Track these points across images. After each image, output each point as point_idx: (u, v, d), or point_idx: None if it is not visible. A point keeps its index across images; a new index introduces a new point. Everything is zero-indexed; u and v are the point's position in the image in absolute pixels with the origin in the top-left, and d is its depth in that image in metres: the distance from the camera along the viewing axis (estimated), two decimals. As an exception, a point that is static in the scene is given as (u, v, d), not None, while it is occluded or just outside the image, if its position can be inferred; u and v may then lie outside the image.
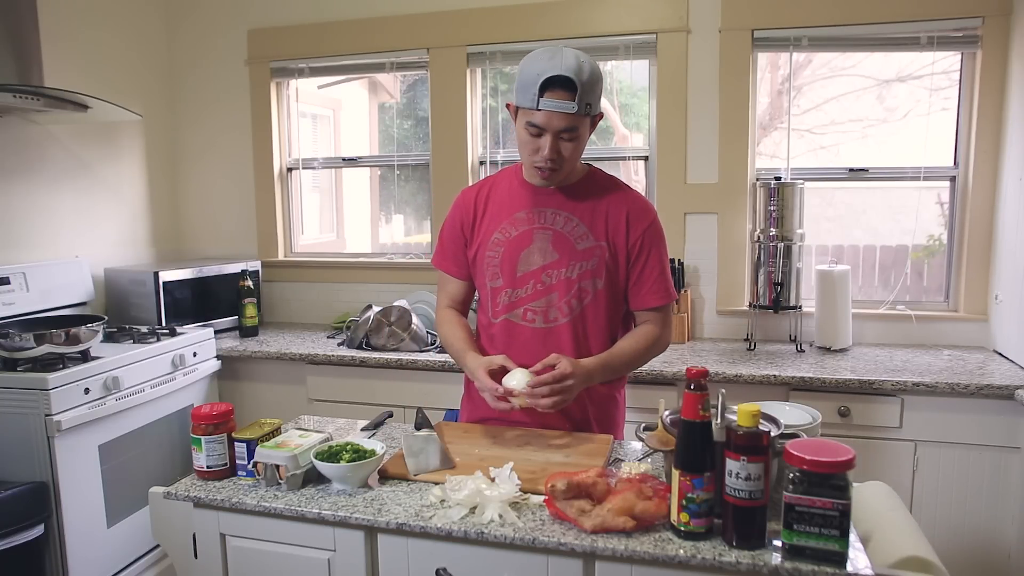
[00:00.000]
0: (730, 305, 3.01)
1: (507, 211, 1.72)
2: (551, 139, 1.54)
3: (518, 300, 1.70)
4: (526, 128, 1.56)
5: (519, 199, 1.71)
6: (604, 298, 1.68)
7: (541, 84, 1.50)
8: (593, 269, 1.67)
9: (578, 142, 1.58)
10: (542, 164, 1.58)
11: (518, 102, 1.57)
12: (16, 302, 2.63)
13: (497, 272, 1.71)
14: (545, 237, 1.68)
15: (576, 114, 1.52)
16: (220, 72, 3.51)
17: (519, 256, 1.69)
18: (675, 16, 2.94)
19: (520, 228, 1.70)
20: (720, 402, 1.28)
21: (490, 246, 1.72)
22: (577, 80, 1.49)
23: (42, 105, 2.51)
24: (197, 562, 1.46)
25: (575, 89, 1.49)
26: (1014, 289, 2.54)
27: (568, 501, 1.26)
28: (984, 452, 2.31)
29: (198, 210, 3.64)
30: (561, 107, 1.50)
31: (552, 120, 1.52)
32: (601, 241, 1.67)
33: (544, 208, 1.69)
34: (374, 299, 3.22)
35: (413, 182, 3.53)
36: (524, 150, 1.61)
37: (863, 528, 1.30)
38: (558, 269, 1.67)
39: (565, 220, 1.68)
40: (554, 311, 1.68)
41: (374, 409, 2.21)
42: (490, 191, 1.77)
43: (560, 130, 1.54)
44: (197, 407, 1.51)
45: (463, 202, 1.79)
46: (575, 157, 1.61)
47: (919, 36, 2.75)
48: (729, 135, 2.93)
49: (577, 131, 1.55)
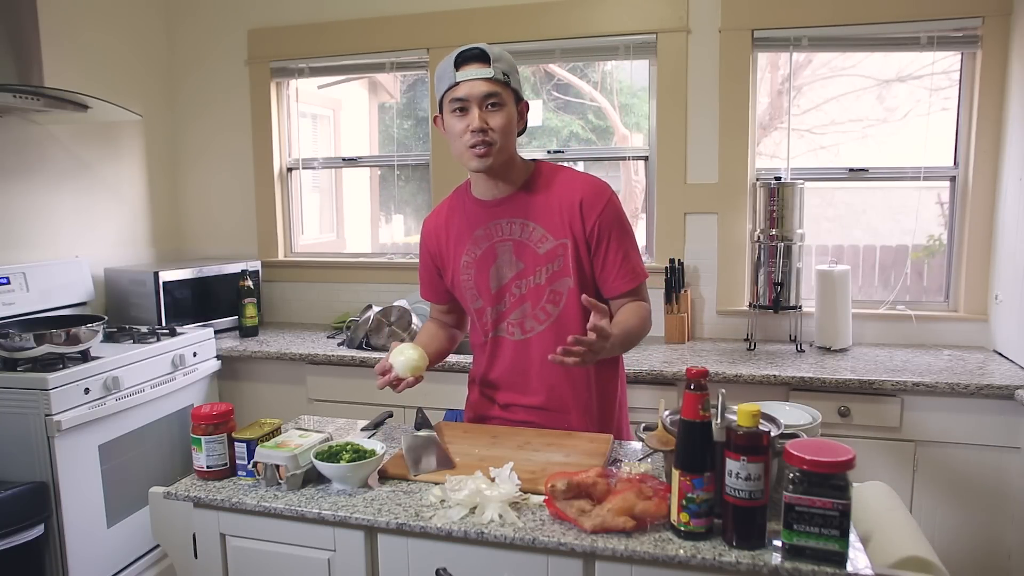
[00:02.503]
0: (730, 305, 3.01)
1: (467, 232, 1.72)
2: (476, 110, 1.57)
3: (500, 316, 1.71)
4: (452, 112, 1.59)
5: (474, 217, 1.72)
6: (576, 297, 1.64)
7: (455, 61, 1.58)
8: (560, 270, 1.65)
9: (505, 116, 1.58)
10: (474, 140, 1.57)
11: (439, 93, 1.62)
12: (16, 302, 2.63)
13: (475, 294, 1.73)
14: (506, 248, 1.68)
15: (494, 79, 1.56)
16: (220, 72, 3.51)
17: (489, 273, 1.70)
18: (675, 16, 2.94)
19: (482, 246, 1.70)
20: (720, 402, 1.28)
21: (462, 270, 1.73)
22: (488, 51, 1.57)
23: (42, 105, 2.52)
24: (197, 562, 1.46)
25: (488, 59, 1.56)
26: (1014, 289, 2.54)
27: (568, 501, 1.26)
28: (984, 452, 2.31)
29: (198, 210, 3.65)
30: (478, 73, 1.56)
31: (472, 88, 1.56)
32: (562, 238, 1.64)
33: (499, 220, 1.68)
34: (374, 299, 3.22)
35: (413, 182, 3.53)
36: (456, 139, 1.61)
37: (863, 528, 1.30)
38: (526, 278, 1.67)
39: (521, 227, 1.67)
40: (530, 320, 1.68)
41: (374, 409, 2.20)
42: (448, 216, 1.78)
43: (482, 96, 1.56)
44: (197, 407, 1.51)
45: (427, 233, 1.82)
46: (507, 133, 1.59)
47: (919, 36, 2.75)
48: (729, 135, 2.93)
49: (500, 98, 1.57)
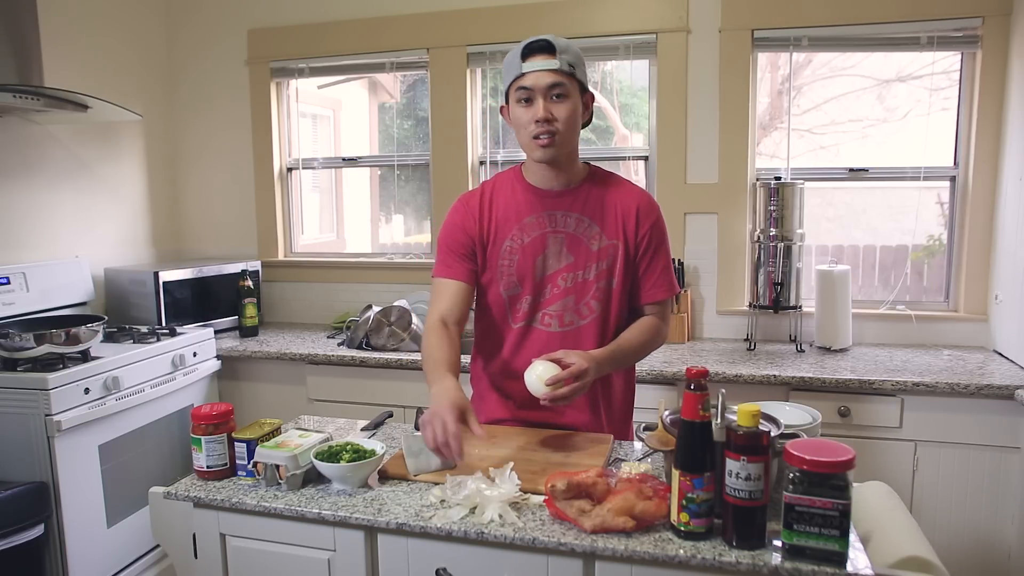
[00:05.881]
0: (730, 305, 3.01)
1: (515, 217, 1.69)
2: (542, 100, 1.58)
3: (538, 305, 1.69)
4: (518, 101, 1.61)
5: (526, 204, 1.69)
6: (620, 296, 1.68)
7: (522, 52, 1.59)
8: (608, 268, 1.67)
9: (570, 107, 1.59)
10: (538, 130, 1.58)
11: (506, 82, 1.63)
12: (16, 302, 2.63)
13: (514, 280, 1.69)
14: (558, 240, 1.67)
15: (560, 71, 1.57)
16: (220, 72, 3.51)
17: (535, 262, 1.68)
18: (675, 16, 2.94)
19: (532, 233, 1.68)
20: (720, 402, 1.28)
21: (503, 254, 1.69)
22: (555, 43, 1.58)
23: (42, 105, 2.52)
24: (197, 562, 1.46)
25: (554, 50, 1.57)
26: (1014, 289, 2.54)
27: (568, 501, 1.26)
28: (984, 452, 2.31)
29: (198, 210, 3.64)
30: (544, 64, 1.57)
31: (539, 79, 1.57)
32: (614, 240, 1.67)
33: (554, 211, 1.68)
34: (374, 299, 3.22)
35: (413, 182, 3.53)
36: (521, 129, 1.62)
37: (863, 528, 1.30)
38: (575, 272, 1.67)
39: (576, 221, 1.67)
40: (570, 314, 1.68)
41: (374, 409, 2.20)
42: (492, 196, 1.73)
43: (548, 87, 1.57)
44: (197, 407, 1.51)
45: (466, 208, 1.73)
46: (570, 124, 1.60)
47: (919, 36, 2.75)
48: (729, 135, 2.93)
49: (565, 89, 1.58)
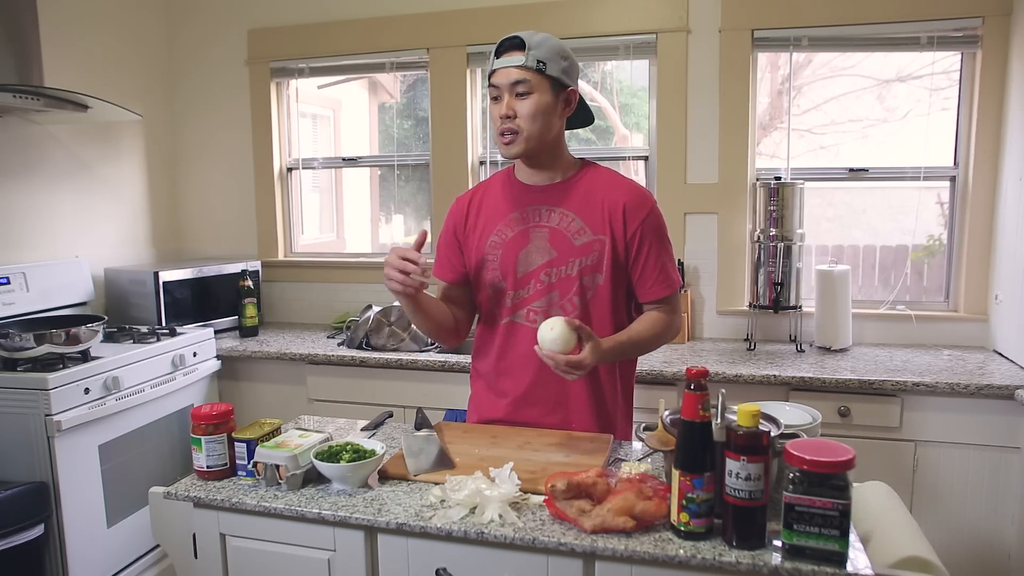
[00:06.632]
0: (730, 305, 3.01)
1: (501, 213, 1.72)
2: (507, 96, 1.59)
3: (521, 301, 1.70)
4: (492, 98, 1.63)
5: (511, 200, 1.72)
6: (607, 293, 1.67)
7: (495, 51, 1.61)
8: (593, 264, 1.66)
9: (533, 103, 1.58)
10: (502, 127, 1.60)
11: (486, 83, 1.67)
12: (16, 302, 2.63)
13: (498, 275, 1.71)
14: (541, 235, 1.68)
15: (524, 67, 1.57)
16: (220, 72, 3.51)
17: (518, 257, 1.69)
18: (675, 16, 2.94)
19: (515, 229, 1.70)
20: (720, 402, 1.27)
21: (488, 250, 1.72)
22: (526, 39, 1.58)
23: (42, 105, 2.52)
24: (197, 562, 1.46)
25: (523, 46, 1.58)
26: (1014, 289, 2.54)
27: (568, 501, 1.26)
28: (984, 452, 2.31)
29: (198, 210, 3.64)
30: (509, 61, 1.59)
31: (504, 76, 1.59)
32: (601, 235, 1.66)
33: (538, 206, 1.69)
34: (374, 299, 3.22)
35: (413, 182, 3.53)
36: (494, 126, 1.65)
37: (863, 528, 1.30)
38: (558, 267, 1.67)
39: (560, 216, 1.68)
40: (555, 310, 1.67)
41: (374, 409, 2.20)
42: (483, 195, 1.78)
43: (511, 84, 1.58)
44: (197, 407, 1.51)
45: (456, 210, 1.81)
46: (535, 119, 1.60)
47: (919, 36, 2.75)
48: (729, 135, 2.93)
49: (529, 86, 1.58)
